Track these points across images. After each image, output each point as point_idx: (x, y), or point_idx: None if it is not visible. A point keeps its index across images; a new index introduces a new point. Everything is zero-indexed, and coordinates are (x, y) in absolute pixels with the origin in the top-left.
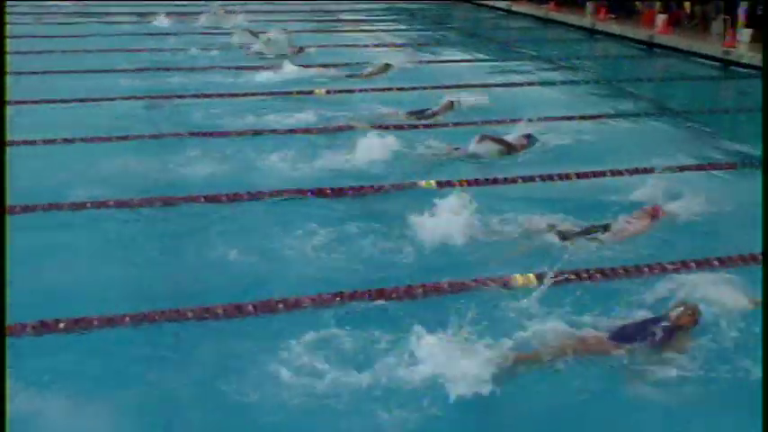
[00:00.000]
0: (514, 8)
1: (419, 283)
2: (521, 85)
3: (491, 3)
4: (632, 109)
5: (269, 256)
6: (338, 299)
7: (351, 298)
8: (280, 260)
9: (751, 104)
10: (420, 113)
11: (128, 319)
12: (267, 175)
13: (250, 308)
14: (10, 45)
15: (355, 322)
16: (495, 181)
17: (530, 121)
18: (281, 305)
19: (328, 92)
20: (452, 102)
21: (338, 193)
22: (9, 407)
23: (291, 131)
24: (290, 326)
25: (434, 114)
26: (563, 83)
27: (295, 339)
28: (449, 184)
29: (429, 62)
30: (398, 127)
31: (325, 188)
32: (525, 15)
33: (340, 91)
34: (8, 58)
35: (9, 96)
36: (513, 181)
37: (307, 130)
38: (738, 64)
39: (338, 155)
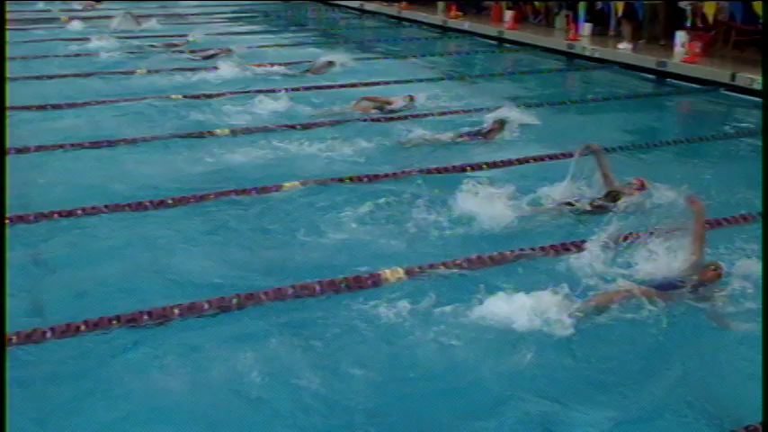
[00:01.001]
0: (367, 7)
1: (290, 285)
2: (378, 84)
3: (343, 2)
4: (488, 102)
5: (130, 268)
6: (207, 306)
7: (219, 305)
8: (142, 271)
9: (595, 94)
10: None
11: None
12: (125, 184)
13: (114, 321)
14: None
15: (225, 329)
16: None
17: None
18: (146, 316)
19: (185, 96)
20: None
21: (202, 199)
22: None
23: (150, 138)
24: (158, 336)
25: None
26: (420, 80)
27: (163, 350)
28: (318, 182)
29: (288, 64)
30: (262, 129)
31: (188, 196)
32: (378, 14)
33: (197, 96)
34: None
35: None
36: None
37: (168, 137)
38: (581, 57)
39: (199, 160)
